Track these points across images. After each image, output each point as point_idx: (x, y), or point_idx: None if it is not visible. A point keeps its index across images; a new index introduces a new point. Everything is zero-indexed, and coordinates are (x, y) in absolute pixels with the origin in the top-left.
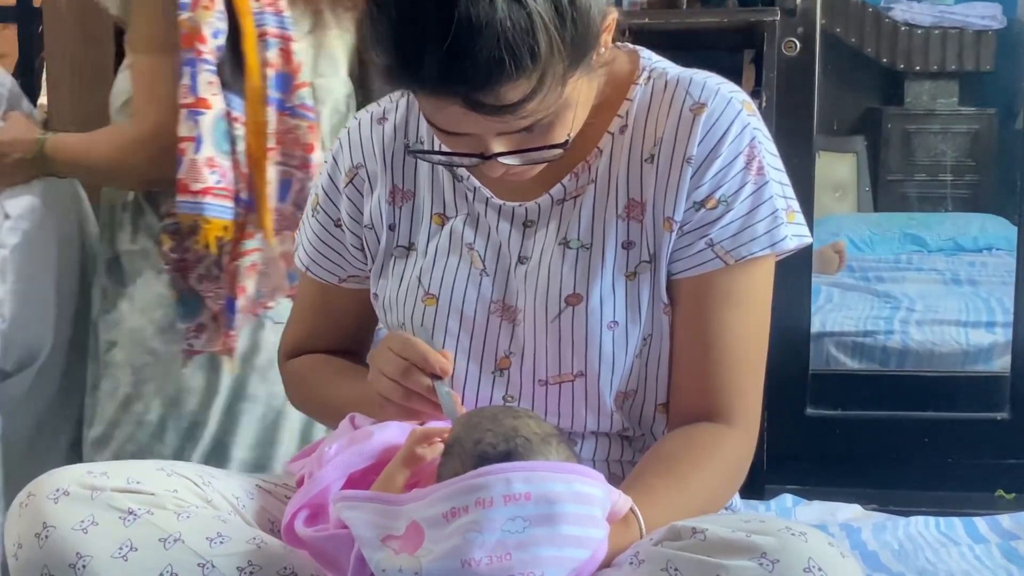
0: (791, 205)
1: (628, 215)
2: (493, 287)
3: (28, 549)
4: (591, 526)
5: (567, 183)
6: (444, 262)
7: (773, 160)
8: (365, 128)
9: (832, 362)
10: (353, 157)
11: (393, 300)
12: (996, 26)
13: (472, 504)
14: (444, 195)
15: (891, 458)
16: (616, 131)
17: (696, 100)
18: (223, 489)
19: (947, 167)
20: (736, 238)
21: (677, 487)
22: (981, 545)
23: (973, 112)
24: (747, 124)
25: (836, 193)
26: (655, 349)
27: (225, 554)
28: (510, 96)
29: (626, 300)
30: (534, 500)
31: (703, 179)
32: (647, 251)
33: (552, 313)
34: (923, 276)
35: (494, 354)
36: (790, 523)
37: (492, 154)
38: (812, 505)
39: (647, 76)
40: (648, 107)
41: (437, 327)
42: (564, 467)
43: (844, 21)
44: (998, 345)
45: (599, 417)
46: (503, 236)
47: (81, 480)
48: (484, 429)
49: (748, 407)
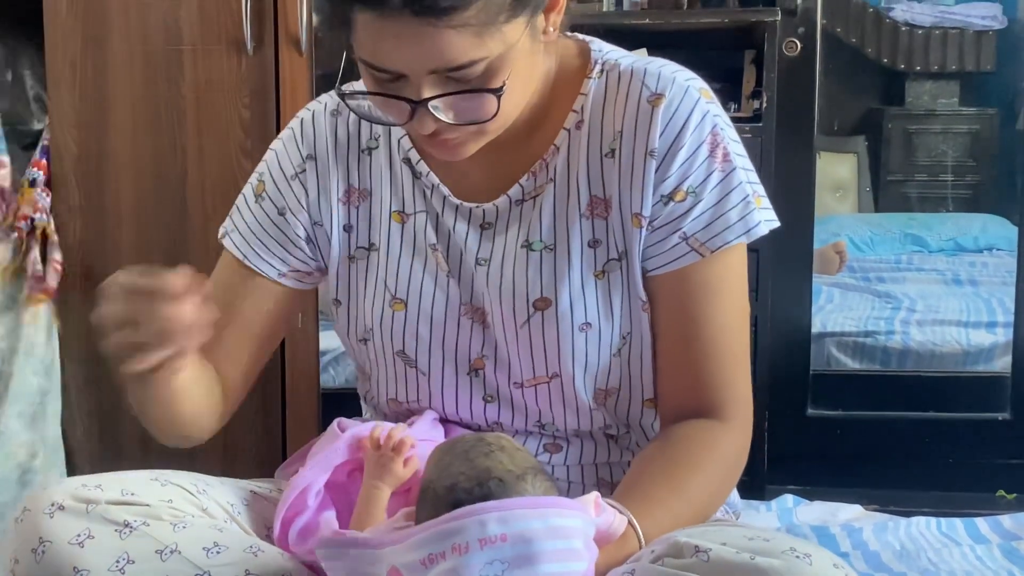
0: (757, 190)
1: (592, 213)
2: (460, 289)
3: (25, 565)
4: (571, 559)
5: (525, 183)
6: (409, 264)
7: (736, 146)
8: (319, 119)
9: (833, 362)
10: (304, 148)
11: (360, 306)
12: (997, 26)
13: (448, 550)
14: (403, 192)
15: (892, 458)
16: (572, 127)
17: (653, 91)
18: (218, 497)
19: (948, 167)
20: (710, 228)
21: (675, 492)
22: (982, 545)
23: (974, 112)
24: (707, 112)
25: (837, 193)
26: (635, 347)
27: (222, 564)
28: (444, 2)
29: (597, 300)
30: (511, 541)
31: (668, 171)
32: (615, 249)
33: (521, 319)
34: (924, 276)
35: (467, 356)
36: (795, 543)
37: (424, 99)
38: (813, 505)
39: (600, 69)
40: (604, 100)
41: (408, 332)
42: (539, 502)
43: (845, 21)
44: (999, 345)
45: (579, 416)
46: (460, 237)
47: (75, 493)
48: (456, 472)
49: (739, 398)
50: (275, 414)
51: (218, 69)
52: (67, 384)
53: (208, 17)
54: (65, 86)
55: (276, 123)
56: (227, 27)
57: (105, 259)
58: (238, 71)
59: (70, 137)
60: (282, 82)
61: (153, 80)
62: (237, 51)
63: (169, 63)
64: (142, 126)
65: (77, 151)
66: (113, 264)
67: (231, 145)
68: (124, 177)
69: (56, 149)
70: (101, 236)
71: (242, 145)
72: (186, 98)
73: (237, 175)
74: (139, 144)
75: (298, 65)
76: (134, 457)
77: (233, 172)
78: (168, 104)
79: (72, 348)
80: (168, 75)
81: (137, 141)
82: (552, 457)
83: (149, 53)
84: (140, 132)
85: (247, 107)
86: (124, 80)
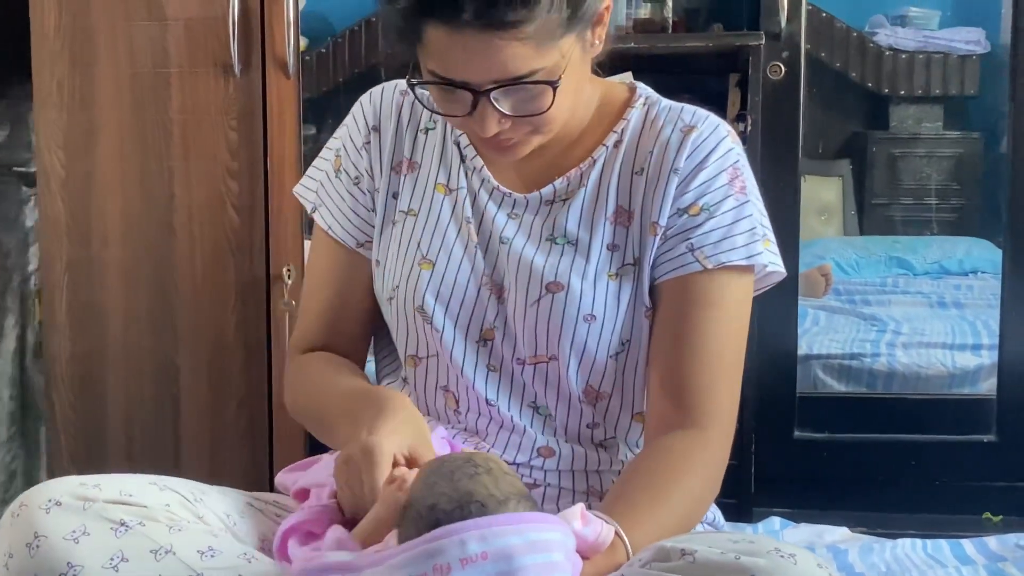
0: (767, 234)
1: (616, 220)
2: (485, 262)
3: (19, 559)
4: (553, 572)
5: (558, 185)
6: (444, 230)
7: (754, 189)
8: (388, 95)
9: (819, 385)
10: (371, 120)
11: (392, 261)
12: (980, 51)
13: (430, 571)
14: (450, 169)
15: (878, 480)
16: (611, 144)
17: (687, 123)
18: (215, 506)
19: (932, 191)
20: (716, 245)
21: (659, 501)
22: (968, 567)
23: (958, 136)
24: (732, 148)
25: (822, 216)
26: (633, 355)
27: (216, 567)
28: (512, 16)
29: (606, 297)
30: (491, 559)
31: (688, 187)
32: (632, 255)
33: (533, 297)
34: (909, 299)
35: (480, 324)
36: (780, 544)
37: (485, 89)
38: (800, 528)
39: (643, 102)
40: (642, 127)
41: (430, 290)
42: (517, 518)
43: (829, 45)
44: (984, 368)
45: (568, 406)
46: (490, 216)
47: (73, 491)
48: (439, 493)
49: (721, 407)
50: (262, 432)
51: (205, 92)
52: (51, 404)
53: (195, 40)
54: (52, 107)
55: (263, 146)
56: (214, 50)
57: (91, 281)
58: (225, 94)
59: (56, 159)
60: (269, 105)
61: (140, 102)
62: (224, 74)
63: (156, 86)
64: (129, 148)
65: (64, 173)
66: (99, 285)
67: (218, 167)
68: (111, 199)
69: (43, 170)
70: (87, 258)
71: (229, 167)
72: (173, 120)
73: (224, 197)
74: (126, 166)
75: (285, 88)
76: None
77: (220, 194)
78: (155, 126)
79: (58, 371)
80: (155, 97)
81: (124, 163)
82: (545, 462)
83: (136, 76)
84: (127, 154)
85: (234, 130)
86: (111, 102)
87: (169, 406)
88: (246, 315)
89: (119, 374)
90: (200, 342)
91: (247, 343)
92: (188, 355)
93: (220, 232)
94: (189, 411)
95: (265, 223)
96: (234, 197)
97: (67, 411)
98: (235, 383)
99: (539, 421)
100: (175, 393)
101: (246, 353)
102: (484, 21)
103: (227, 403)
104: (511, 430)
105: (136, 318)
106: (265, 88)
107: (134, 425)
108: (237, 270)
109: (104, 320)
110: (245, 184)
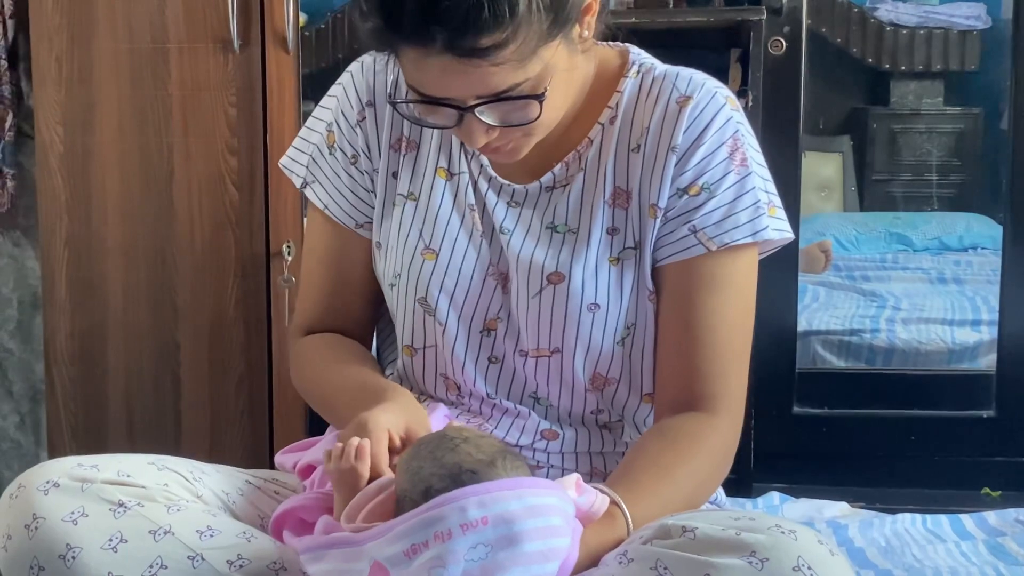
0: (772, 200)
1: (614, 202)
2: (490, 251)
3: (18, 540)
4: (553, 536)
5: (557, 171)
6: (447, 219)
7: (756, 155)
8: (379, 68)
9: (819, 361)
10: (364, 95)
11: (393, 248)
12: (981, 26)
13: (431, 538)
14: (451, 151)
15: (878, 456)
16: (606, 122)
17: (682, 93)
18: (213, 485)
19: (932, 166)
20: (719, 225)
21: (664, 480)
22: (967, 542)
23: (958, 112)
24: (731, 117)
25: (822, 192)
26: (639, 339)
27: (215, 547)
28: (485, 42)
29: (608, 284)
30: (492, 523)
31: (687, 166)
32: (632, 238)
33: (534, 289)
34: (909, 275)
35: (484, 316)
36: (780, 521)
37: (469, 105)
38: (799, 503)
39: (636, 70)
40: (636, 99)
41: (433, 281)
42: (513, 483)
43: (830, 21)
44: (984, 343)
45: (573, 396)
46: (491, 205)
47: (71, 472)
48: (428, 475)
49: (731, 392)
50: (262, 408)
51: (205, 67)
52: (52, 383)
53: (194, 15)
54: (51, 83)
55: (263, 121)
56: (213, 25)
57: (91, 256)
58: (224, 69)
59: (56, 134)
60: (269, 80)
61: (139, 78)
62: (224, 49)
63: (155, 61)
64: (128, 124)
65: (63, 148)
66: (99, 261)
67: (218, 143)
68: (110, 175)
69: (42, 145)
70: (87, 233)
71: (228, 143)
72: (172, 96)
73: (224, 173)
74: (126, 142)
75: (285, 63)
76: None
77: (220, 170)
78: (154, 102)
79: (58, 348)
80: (154, 73)
81: (124, 139)
82: (549, 444)
83: (135, 51)
84: (126, 130)
85: (234, 105)
86: (110, 78)
87: (169, 382)
88: (246, 291)
89: (119, 350)
90: (200, 318)
91: (247, 319)
92: (188, 331)
93: (220, 208)
94: (189, 387)
95: (265, 199)
96: (233, 173)
97: (67, 387)
98: (235, 359)
99: (540, 410)
100: (175, 369)
101: (246, 329)
102: (456, 51)
103: (227, 379)
104: (515, 415)
105: (136, 294)
106: (264, 64)
107: (134, 401)
108: (237, 246)
109: (104, 296)
110: (245, 160)
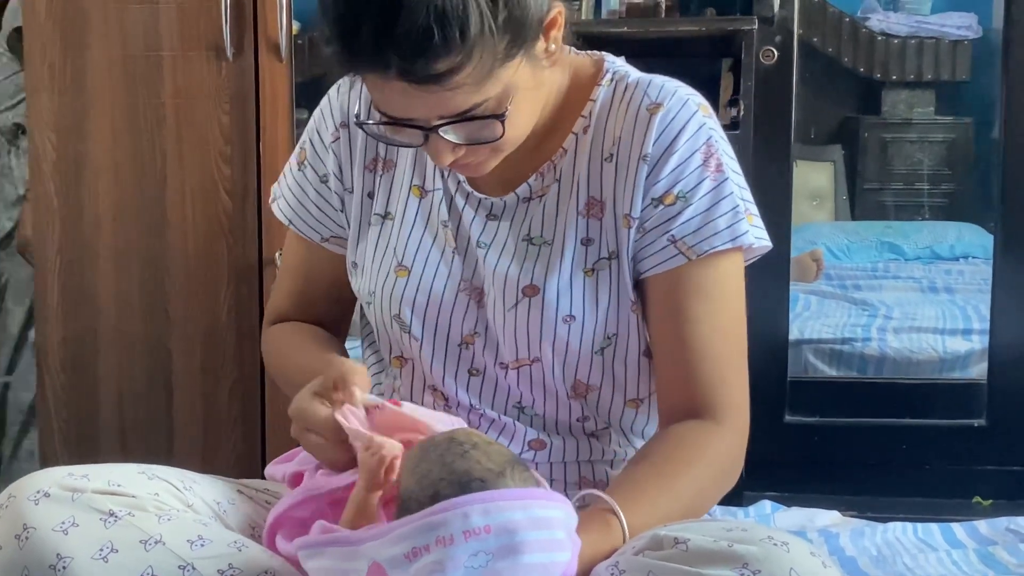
0: (749, 208)
1: (588, 213)
2: (463, 267)
3: (8, 550)
4: (555, 550)
5: (533, 183)
6: (420, 236)
7: (731, 162)
8: (356, 89)
9: (810, 369)
10: (338, 116)
11: (368, 267)
12: (972, 36)
13: (433, 543)
14: (425, 169)
15: (869, 464)
16: (580, 131)
17: (653, 100)
18: (204, 494)
19: (924, 176)
20: (698, 233)
21: (664, 490)
22: (959, 550)
23: (950, 121)
24: (703, 124)
25: (813, 201)
26: (621, 350)
27: (206, 557)
28: (439, 67)
29: (584, 295)
30: (494, 532)
31: (660, 175)
32: (606, 248)
33: (510, 302)
34: (900, 284)
35: (460, 331)
36: (773, 532)
37: (433, 126)
38: (791, 511)
39: (610, 78)
40: (609, 108)
41: (406, 298)
42: (521, 493)
43: (822, 30)
44: (975, 352)
45: (557, 404)
46: (467, 220)
47: (62, 482)
48: (436, 479)
49: (733, 400)
50: (254, 416)
51: (198, 75)
52: (43, 388)
53: (188, 23)
54: (44, 90)
55: (256, 129)
56: (207, 33)
57: (83, 264)
58: (218, 77)
59: (48, 141)
60: (262, 88)
61: (132, 86)
62: (217, 57)
63: (149, 69)
64: (121, 131)
65: (55, 155)
66: (91, 269)
67: (211, 151)
68: (103, 182)
69: (35, 153)
70: (79, 241)
71: (222, 151)
72: (166, 104)
73: (217, 181)
74: (118, 149)
75: (278, 71)
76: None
77: (213, 178)
78: (147, 110)
79: (48, 355)
80: (148, 81)
81: (116, 146)
82: (536, 454)
83: (128, 58)
84: (119, 137)
85: (227, 113)
86: (103, 85)
87: (161, 390)
88: (239, 299)
89: (111, 358)
90: (192, 326)
91: (240, 327)
92: (180, 339)
93: (213, 216)
94: (181, 395)
95: (258, 207)
96: (227, 181)
97: (59, 395)
98: (228, 367)
99: (525, 419)
100: (167, 377)
101: (238, 337)
102: (410, 77)
103: (220, 387)
104: (501, 426)
105: (128, 302)
106: (258, 72)
107: (126, 409)
108: (230, 254)
109: (96, 304)
110: (238, 168)
